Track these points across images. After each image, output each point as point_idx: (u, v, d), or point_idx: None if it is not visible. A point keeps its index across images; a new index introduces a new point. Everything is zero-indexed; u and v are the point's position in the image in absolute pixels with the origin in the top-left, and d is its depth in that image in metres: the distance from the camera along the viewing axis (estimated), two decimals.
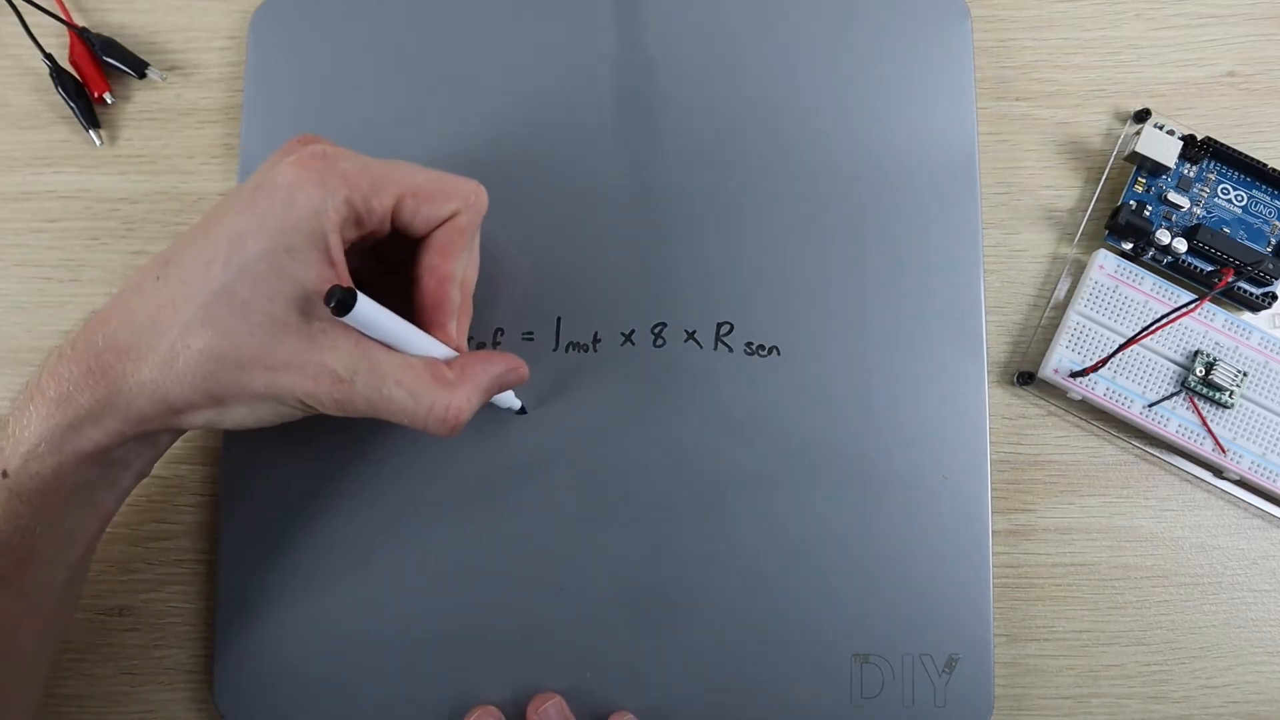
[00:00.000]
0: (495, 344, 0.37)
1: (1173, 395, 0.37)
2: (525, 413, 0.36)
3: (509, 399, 0.35)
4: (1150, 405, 0.37)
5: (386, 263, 0.33)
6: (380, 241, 0.31)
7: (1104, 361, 0.36)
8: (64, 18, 0.39)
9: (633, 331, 0.37)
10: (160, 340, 0.27)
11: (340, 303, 0.26)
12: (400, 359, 0.29)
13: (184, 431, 0.30)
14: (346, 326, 0.28)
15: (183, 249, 0.28)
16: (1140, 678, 0.37)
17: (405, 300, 0.31)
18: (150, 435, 0.29)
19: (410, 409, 0.29)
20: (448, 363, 0.30)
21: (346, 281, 0.28)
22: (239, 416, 0.29)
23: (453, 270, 0.31)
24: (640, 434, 0.36)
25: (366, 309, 0.27)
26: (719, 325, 0.37)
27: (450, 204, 0.30)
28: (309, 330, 0.27)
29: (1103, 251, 0.38)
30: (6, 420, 0.28)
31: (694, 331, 0.37)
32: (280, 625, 0.35)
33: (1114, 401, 0.37)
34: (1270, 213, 0.38)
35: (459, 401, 0.29)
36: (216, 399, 0.28)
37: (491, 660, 0.35)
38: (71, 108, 0.39)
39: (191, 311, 0.27)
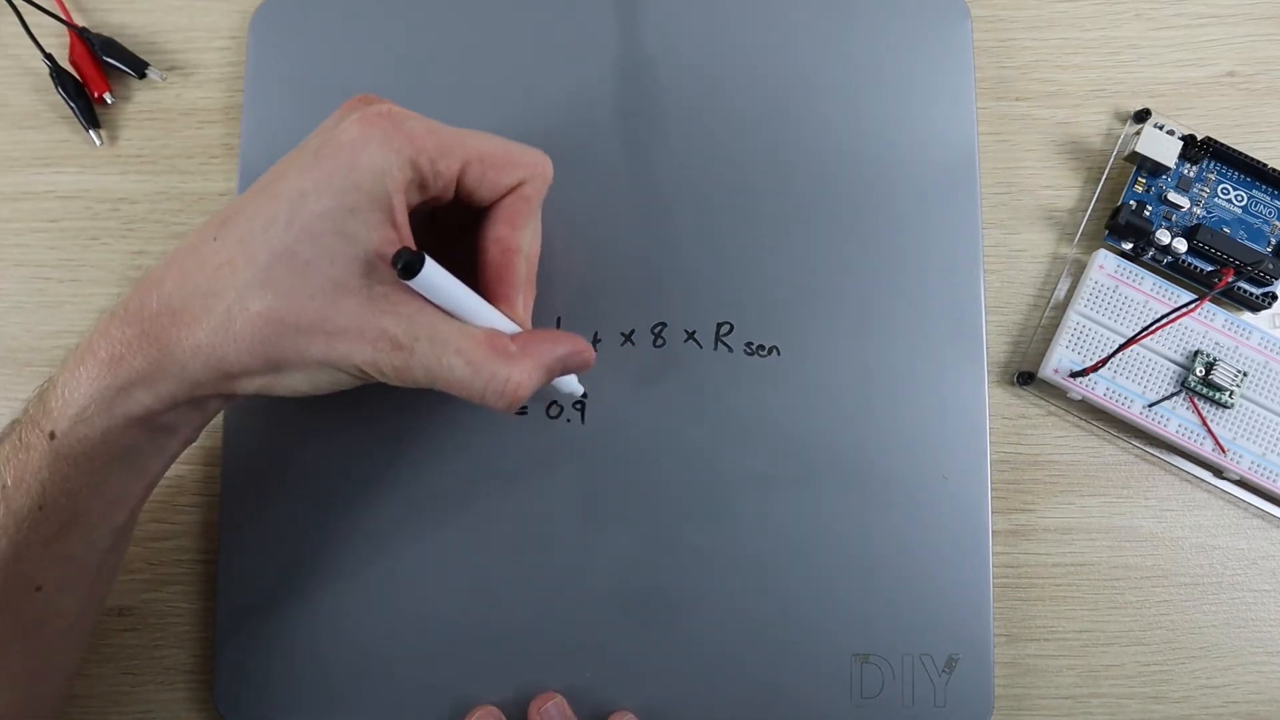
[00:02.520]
0: None
1: (1173, 395, 0.37)
2: (586, 399, 0.35)
3: (571, 384, 0.34)
4: (1150, 405, 0.37)
5: (439, 232, 0.32)
6: (437, 209, 0.30)
7: (1104, 361, 0.36)
8: (64, 18, 0.39)
9: (633, 331, 0.37)
10: (216, 302, 0.26)
11: (407, 265, 0.25)
12: (461, 328, 0.28)
13: (234, 398, 0.29)
14: (409, 291, 0.27)
15: (242, 209, 0.27)
16: (1140, 678, 0.37)
17: (460, 273, 0.29)
18: (200, 401, 0.28)
19: (468, 380, 0.27)
20: (511, 337, 0.29)
21: (410, 245, 0.28)
22: (294, 383, 0.28)
23: (520, 242, 0.30)
24: (640, 434, 0.36)
25: (433, 273, 0.26)
26: (719, 325, 0.37)
27: (517, 172, 0.30)
28: (370, 294, 0.27)
29: (1103, 251, 0.38)
30: (55, 381, 0.27)
31: (694, 331, 0.37)
32: (280, 625, 0.35)
33: (1114, 401, 0.37)
34: (1270, 213, 0.38)
35: (519, 376, 0.28)
36: (273, 365, 0.27)
37: (492, 660, 0.35)
38: (71, 108, 0.39)
39: (250, 273, 0.26)
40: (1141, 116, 0.39)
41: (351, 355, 0.27)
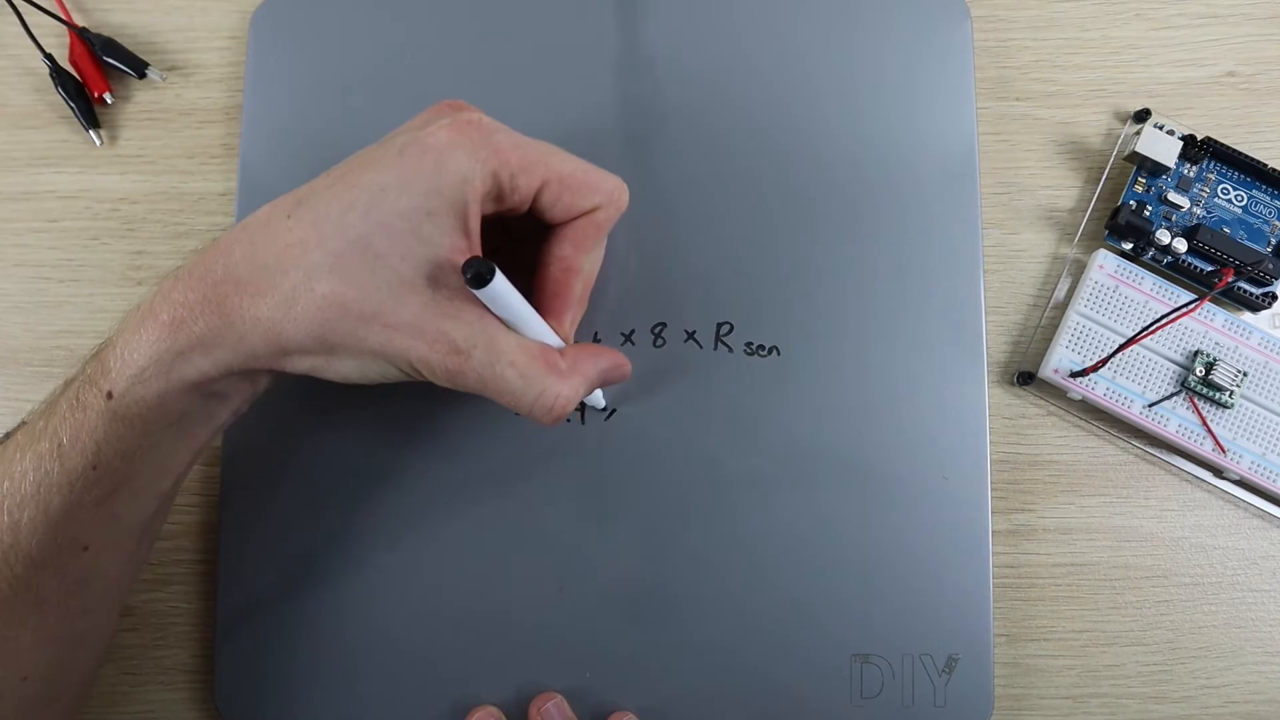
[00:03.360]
0: None
1: (1173, 395, 0.37)
2: (611, 411, 0.36)
3: (596, 397, 0.35)
4: (1150, 405, 0.37)
5: (499, 238, 0.32)
6: (502, 217, 0.30)
7: (1104, 361, 0.36)
8: (64, 18, 0.39)
9: (633, 331, 0.37)
10: (283, 279, 0.27)
11: (477, 275, 0.26)
12: (518, 340, 0.28)
13: (283, 375, 0.29)
14: (472, 298, 0.27)
15: (319, 192, 0.28)
16: (1140, 678, 0.37)
17: (513, 280, 0.30)
18: (253, 373, 0.29)
19: (519, 391, 0.28)
20: (560, 353, 0.30)
21: (479, 254, 0.28)
22: (345, 369, 0.28)
23: (583, 264, 0.31)
24: (640, 434, 0.36)
25: (500, 286, 0.27)
26: (719, 325, 0.37)
27: (594, 198, 0.30)
28: (434, 297, 0.27)
29: (1103, 251, 0.38)
30: (114, 341, 0.27)
31: (694, 331, 0.37)
32: (280, 625, 0.35)
33: (1114, 401, 0.37)
34: (1270, 213, 0.38)
35: (568, 391, 0.29)
36: (329, 347, 0.27)
37: (492, 660, 0.35)
38: (71, 108, 0.39)
39: (321, 256, 0.27)
40: (1141, 116, 0.39)
41: (409, 351, 0.27)
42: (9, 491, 0.27)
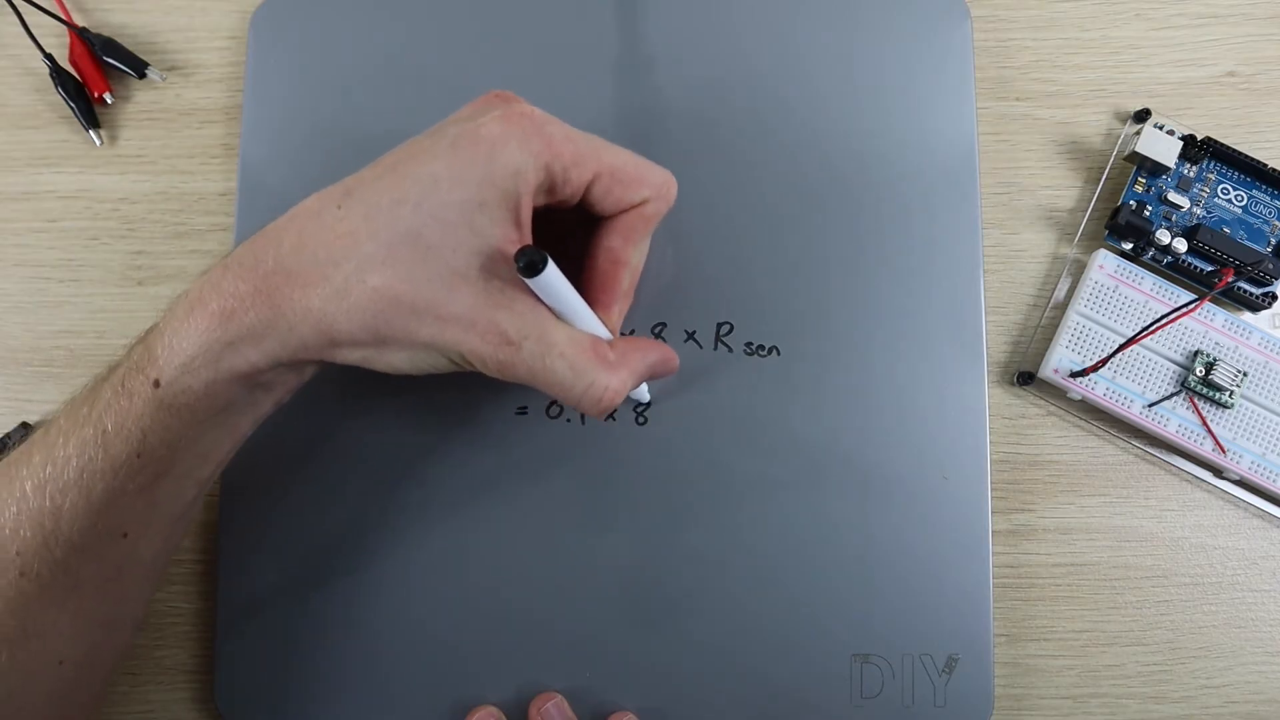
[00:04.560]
0: None
1: (1173, 395, 0.37)
2: (651, 403, 0.36)
3: (641, 390, 0.35)
4: (1150, 405, 0.37)
5: (546, 229, 0.32)
6: (552, 209, 0.30)
7: (1104, 361, 0.36)
8: (64, 18, 0.39)
9: (632, 331, 0.37)
10: (334, 271, 0.27)
11: (530, 264, 0.26)
12: (569, 332, 0.28)
13: (329, 365, 0.29)
14: (523, 289, 0.28)
15: (369, 183, 0.28)
16: (1140, 678, 0.37)
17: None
18: (300, 364, 0.29)
19: (569, 383, 0.28)
20: (609, 344, 0.30)
21: (530, 244, 0.28)
22: (395, 360, 0.28)
23: (631, 257, 0.31)
24: (639, 434, 0.36)
25: (552, 276, 0.27)
26: (719, 325, 0.37)
27: (644, 191, 0.30)
28: (486, 288, 0.27)
29: (1103, 251, 0.38)
30: (162, 329, 0.27)
31: (694, 331, 0.37)
32: (280, 625, 0.35)
33: (1114, 401, 0.37)
34: (1270, 213, 0.38)
35: (616, 384, 0.29)
36: (380, 339, 0.27)
37: (492, 660, 0.35)
38: (71, 108, 0.39)
39: (373, 247, 0.26)
40: (1141, 116, 0.39)
41: (460, 343, 0.27)
42: (51, 476, 0.27)
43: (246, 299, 0.27)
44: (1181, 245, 0.37)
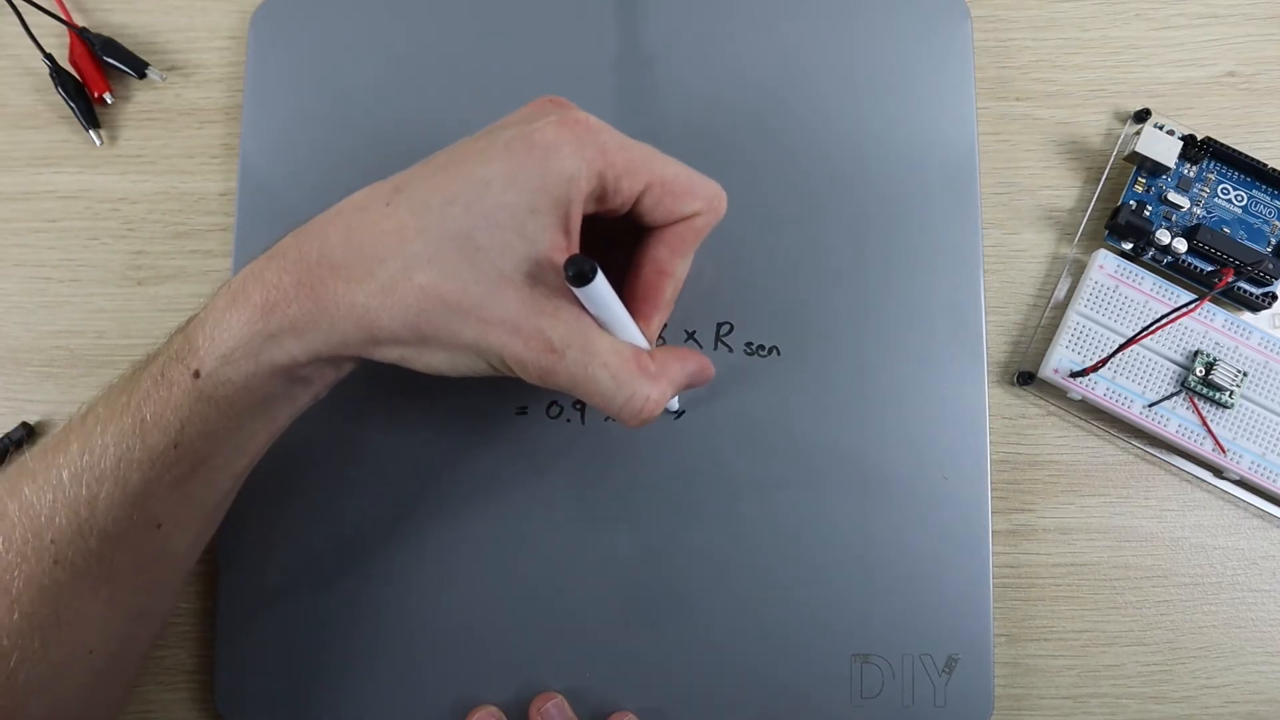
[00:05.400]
0: None
1: (1173, 395, 0.37)
2: (683, 413, 0.36)
3: (672, 399, 0.34)
4: (1150, 405, 0.37)
5: (592, 237, 0.32)
6: (602, 219, 0.30)
7: (1104, 361, 0.36)
8: (64, 18, 0.39)
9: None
10: (380, 267, 0.26)
11: (580, 273, 0.25)
12: (611, 342, 0.28)
13: (366, 361, 0.29)
14: (569, 296, 0.27)
15: (419, 180, 0.27)
16: (1140, 678, 0.37)
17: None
18: (340, 360, 0.28)
19: (610, 393, 0.28)
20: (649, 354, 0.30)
21: (578, 252, 0.28)
22: (435, 361, 0.28)
23: (676, 269, 0.31)
24: (639, 434, 0.36)
25: (600, 285, 0.26)
26: (719, 325, 0.37)
27: (694, 203, 0.30)
28: (532, 294, 0.27)
29: (1103, 251, 0.38)
30: (203, 320, 0.27)
31: (694, 331, 0.37)
32: (280, 625, 0.35)
33: (1114, 401, 0.37)
34: (1270, 213, 0.38)
35: (656, 394, 0.29)
36: (422, 338, 0.27)
37: (492, 660, 0.35)
38: (71, 108, 0.39)
39: (421, 246, 0.26)
40: (1141, 116, 0.39)
41: (504, 348, 0.27)
42: (88, 465, 0.27)
43: (291, 291, 0.26)
44: (1181, 245, 0.37)
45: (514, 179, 0.27)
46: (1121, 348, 0.36)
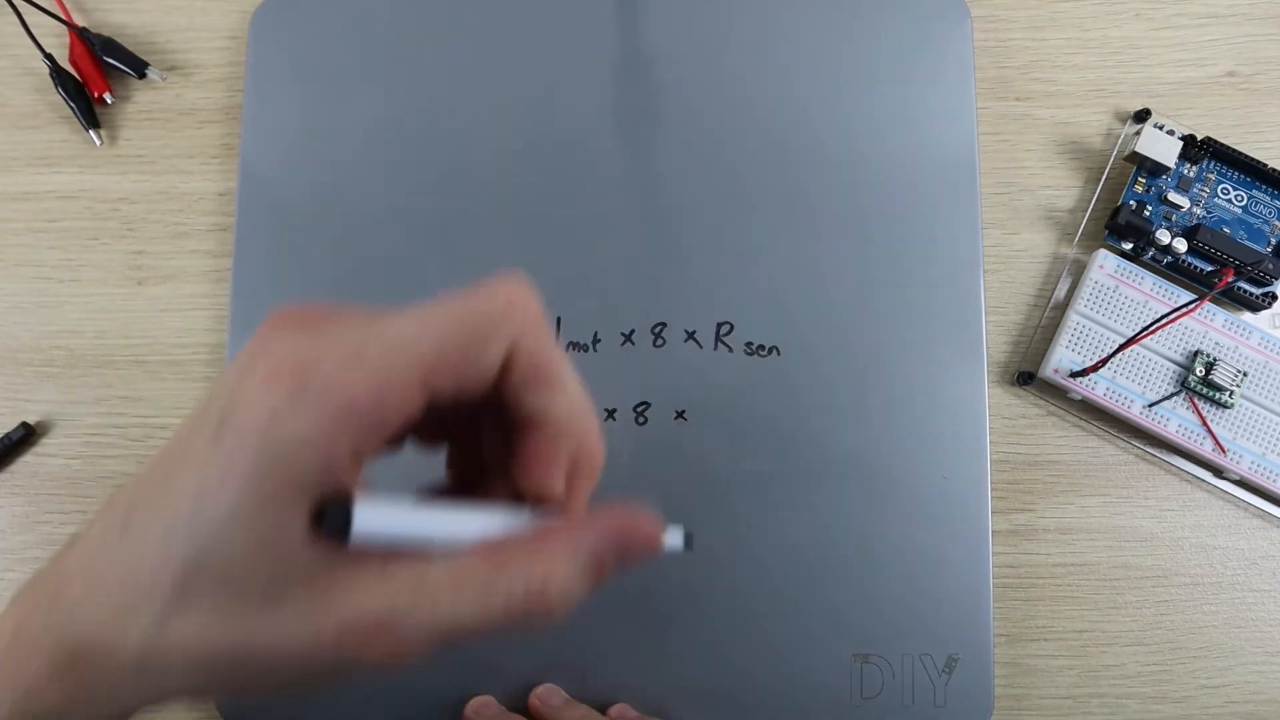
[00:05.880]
0: None
1: (1173, 395, 0.37)
2: (692, 537, 0.27)
3: (674, 538, 0.26)
4: (1150, 405, 0.37)
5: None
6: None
7: (1104, 361, 0.36)
8: (64, 18, 0.39)
9: (633, 331, 0.37)
10: (133, 620, 0.20)
11: (335, 527, 0.20)
12: (443, 564, 0.21)
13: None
14: (366, 555, 0.21)
15: (142, 498, 0.21)
16: (1140, 678, 0.37)
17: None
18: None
19: (482, 612, 0.21)
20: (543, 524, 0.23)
21: (349, 499, 0.21)
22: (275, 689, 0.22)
23: (542, 410, 0.23)
24: (639, 434, 0.36)
25: (369, 519, 0.21)
26: (719, 325, 0.37)
27: (495, 342, 0.22)
28: (309, 583, 0.21)
29: (1103, 251, 0.38)
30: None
31: (694, 331, 0.37)
32: None
33: (1114, 401, 0.37)
34: (1270, 213, 0.38)
35: (539, 569, 0.22)
36: (217, 689, 0.23)
37: (492, 659, 0.35)
38: (71, 108, 0.39)
39: (166, 586, 0.20)
40: (1141, 116, 0.39)
41: (315, 666, 0.21)
42: None
43: (45, 678, 0.21)
44: (1181, 245, 0.37)
45: (227, 477, 0.20)
46: (1121, 348, 0.36)
